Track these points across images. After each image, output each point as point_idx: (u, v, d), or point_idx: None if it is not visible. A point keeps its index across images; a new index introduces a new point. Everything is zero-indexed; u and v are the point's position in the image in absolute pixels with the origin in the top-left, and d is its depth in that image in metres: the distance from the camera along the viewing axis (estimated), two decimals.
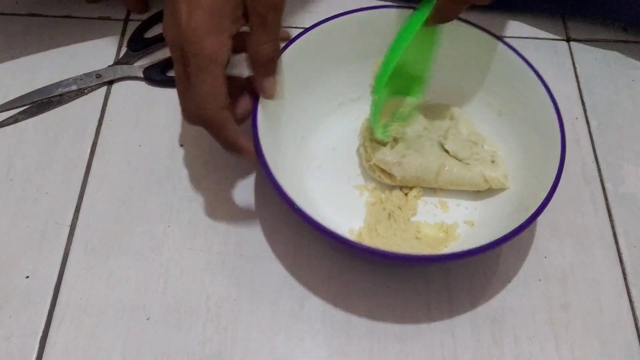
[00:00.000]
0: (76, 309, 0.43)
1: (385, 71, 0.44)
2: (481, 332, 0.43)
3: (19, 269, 0.44)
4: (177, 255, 0.45)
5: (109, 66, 0.55)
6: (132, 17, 0.58)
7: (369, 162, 0.48)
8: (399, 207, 0.47)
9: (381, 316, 0.43)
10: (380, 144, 0.48)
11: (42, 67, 0.55)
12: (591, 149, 0.52)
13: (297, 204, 0.39)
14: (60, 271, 0.44)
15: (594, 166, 0.51)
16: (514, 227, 0.39)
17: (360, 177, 0.49)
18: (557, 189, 0.41)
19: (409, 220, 0.47)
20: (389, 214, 0.47)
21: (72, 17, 0.58)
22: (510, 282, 0.45)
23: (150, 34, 0.57)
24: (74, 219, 0.47)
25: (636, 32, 0.60)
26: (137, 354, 0.41)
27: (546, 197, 0.40)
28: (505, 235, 0.39)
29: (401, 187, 0.48)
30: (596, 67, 0.58)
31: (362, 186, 0.49)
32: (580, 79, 0.57)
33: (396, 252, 0.41)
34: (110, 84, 0.54)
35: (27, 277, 0.44)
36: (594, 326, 0.44)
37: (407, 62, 0.45)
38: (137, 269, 0.44)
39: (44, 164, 0.49)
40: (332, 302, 0.44)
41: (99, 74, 0.54)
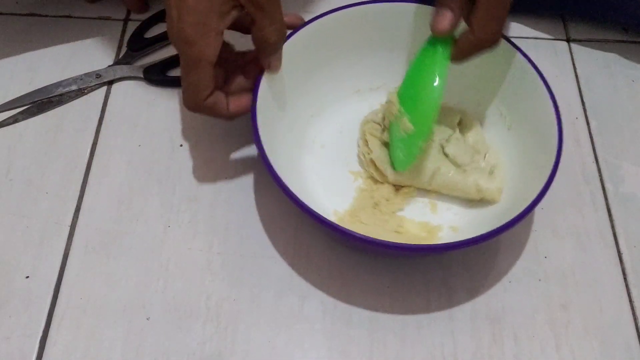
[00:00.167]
0: (76, 309, 0.43)
1: (429, 117, 0.43)
2: (481, 331, 0.43)
3: (19, 269, 0.44)
4: (177, 255, 0.45)
5: (109, 66, 0.55)
6: (132, 17, 0.59)
7: (366, 156, 0.48)
8: (387, 199, 0.47)
9: (381, 316, 0.43)
10: (381, 141, 0.48)
11: (42, 67, 0.55)
12: (591, 149, 0.52)
13: (277, 172, 0.39)
14: (60, 271, 0.44)
15: (594, 166, 0.51)
16: (509, 219, 0.39)
17: (358, 164, 0.50)
18: (554, 178, 0.40)
19: (393, 213, 0.47)
20: (376, 203, 0.47)
21: (72, 17, 0.58)
22: (510, 282, 0.45)
23: (150, 34, 0.57)
24: (74, 219, 0.47)
25: (636, 33, 0.60)
26: (137, 354, 0.41)
27: (542, 188, 0.40)
28: (486, 233, 0.38)
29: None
30: (596, 67, 0.58)
31: (357, 173, 0.49)
32: (580, 79, 0.57)
33: (364, 235, 0.38)
34: (110, 84, 0.54)
35: (27, 277, 0.44)
36: (594, 326, 0.44)
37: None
38: (137, 268, 0.44)
39: (44, 164, 0.49)
40: (332, 302, 0.44)
41: (99, 74, 0.54)
